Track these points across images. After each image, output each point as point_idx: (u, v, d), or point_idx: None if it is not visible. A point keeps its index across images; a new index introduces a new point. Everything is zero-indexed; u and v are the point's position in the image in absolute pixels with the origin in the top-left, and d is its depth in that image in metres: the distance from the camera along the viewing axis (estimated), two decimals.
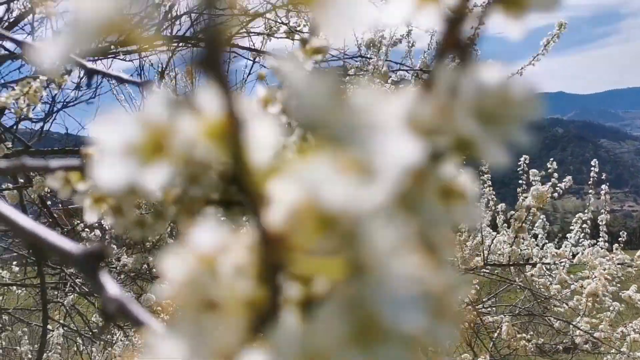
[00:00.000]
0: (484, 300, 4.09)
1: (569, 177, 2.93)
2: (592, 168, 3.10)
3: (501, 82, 0.18)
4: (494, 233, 3.36)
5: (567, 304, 3.45)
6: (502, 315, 3.37)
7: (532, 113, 0.18)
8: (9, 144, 1.82)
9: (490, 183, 3.65)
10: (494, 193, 3.66)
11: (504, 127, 0.18)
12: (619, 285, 3.06)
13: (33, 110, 1.39)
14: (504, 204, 3.78)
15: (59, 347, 3.18)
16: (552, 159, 2.82)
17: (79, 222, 2.76)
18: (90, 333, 3.46)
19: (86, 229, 2.77)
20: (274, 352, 0.14)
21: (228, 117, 0.15)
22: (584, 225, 3.13)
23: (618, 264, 3.09)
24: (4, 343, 3.32)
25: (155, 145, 0.15)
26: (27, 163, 0.41)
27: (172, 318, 0.20)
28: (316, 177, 0.15)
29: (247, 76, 3.18)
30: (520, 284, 3.65)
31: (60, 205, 2.98)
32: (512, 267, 3.58)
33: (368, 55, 2.66)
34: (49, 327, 3.28)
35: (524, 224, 2.95)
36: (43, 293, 2.39)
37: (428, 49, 3.30)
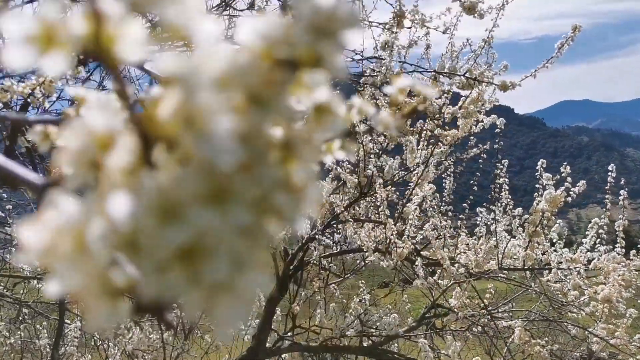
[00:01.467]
0: (499, 305, 4.08)
1: (582, 182, 2.90)
2: (609, 173, 3.07)
3: (330, 5, 0.21)
4: (509, 237, 3.34)
5: (584, 311, 3.43)
6: (515, 320, 3.34)
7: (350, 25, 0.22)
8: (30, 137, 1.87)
9: (507, 188, 3.64)
10: (510, 197, 3.64)
11: (333, 39, 0.21)
12: (633, 291, 3.02)
13: (49, 99, 1.46)
14: (520, 209, 3.76)
15: (76, 340, 3.23)
16: (565, 164, 2.80)
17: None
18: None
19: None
20: (137, 196, 0.17)
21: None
22: (600, 231, 3.10)
23: (635, 270, 3.06)
24: (22, 334, 3.39)
25: (49, 37, 0.18)
26: (7, 115, 0.44)
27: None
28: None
29: None
30: (536, 289, 3.63)
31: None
32: (527, 272, 3.56)
33: (383, 57, 2.69)
34: (67, 320, 3.35)
35: (538, 228, 2.93)
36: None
37: (446, 52, 3.32)
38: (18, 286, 3.59)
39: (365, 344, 3.79)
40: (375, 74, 2.60)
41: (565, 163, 2.77)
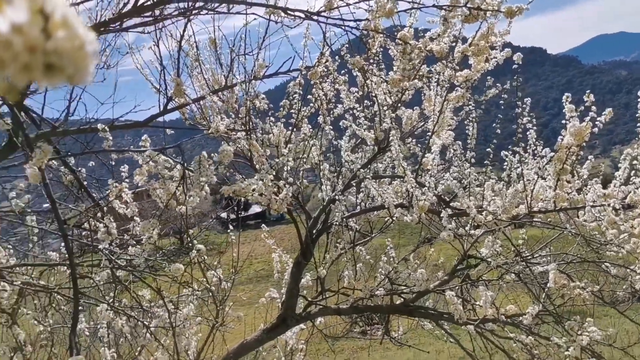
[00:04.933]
0: (534, 250, 3.91)
1: (608, 110, 2.69)
2: None
3: None
4: (535, 177, 3.16)
5: (624, 249, 3.25)
6: (551, 265, 3.18)
7: None
8: (8, 120, 1.80)
9: (533, 127, 3.44)
10: (535, 137, 3.45)
11: None
12: None
13: None
14: (548, 149, 3.56)
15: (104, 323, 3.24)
16: (588, 91, 2.59)
17: None
18: (141, 308, 3.53)
19: None
20: None
21: None
22: (635, 162, 2.89)
23: None
24: (51, 321, 3.41)
25: None
26: None
27: None
28: None
29: None
30: (572, 230, 3.46)
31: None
32: (560, 213, 3.38)
33: None
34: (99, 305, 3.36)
35: (565, 165, 2.75)
36: (72, 269, 2.41)
37: None
38: (45, 274, 3.61)
39: (397, 302, 3.70)
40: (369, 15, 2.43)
41: (588, 91, 2.55)
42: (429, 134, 3.44)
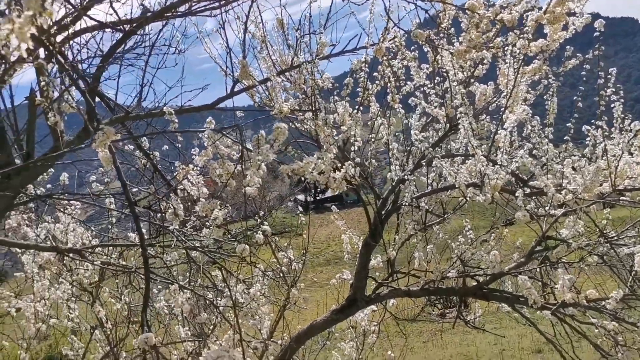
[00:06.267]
0: (621, 231, 3.65)
1: None
2: None
3: None
4: (620, 152, 2.93)
5: None
6: (638, 246, 2.96)
7: None
8: (73, 103, 1.86)
9: (619, 100, 3.19)
10: (622, 110, 3.20)
11: None
12: None
13: None
14: (637, 122, 3.31)
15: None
16: None
17: None
18: (215, 289, 3.62)
19: None
20: None
21: None
22: None
23: None
24: (127, 299, 3.55)
25: None
26: None
27: None
28: None
29: None
30: None
31: None
32: None
33: None
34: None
35: None
36: (143, 249, 2.48)
37: None
38: (124, 253, 3.76)
39: (470, 285, 3.58)
40: None
41: None
42: (503, 109, 3.27)
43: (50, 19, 1.13)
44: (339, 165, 2.59)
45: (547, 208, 3.34)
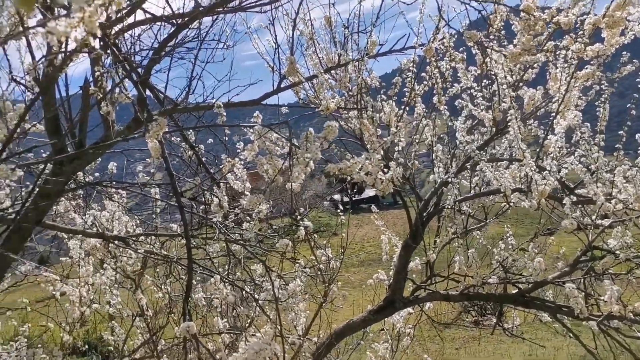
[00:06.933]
0: None
1: None
2: None
3: None
4: None
5: None
6: None
7: None
8: (130, 94, 1.90)
9: None
10: None
11: None
12: None
13: None
14: None
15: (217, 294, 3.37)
16: None
17: None
18: (253, 283, 3.65)
19: None
20: None
21: None
22: None
23: None
24: (168, 288, 3.61)
25: None
26: None
27: None
28: None
29: None
30: None
31: None
32: None
33: None
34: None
35: None
36: (187, 239, 2.51)
37: None
38: (167, 244, 3.82)
39: (511, 292, 3.51)
40: None
41: None
42: (553, 114, 3.20)
43: (118, 8, 1.15)
44: (386, 166, 2.57)
45: (593, 217, 3.26)
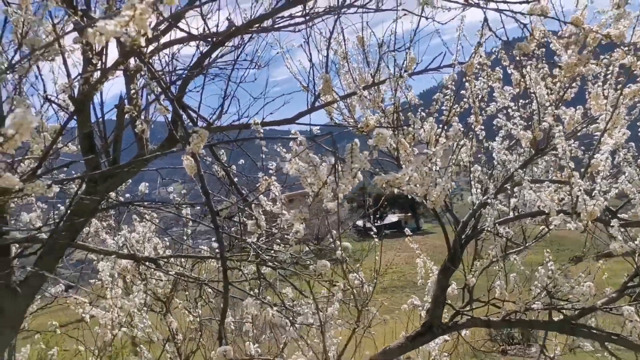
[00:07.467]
0: None
1: None
2: None
3: None
4: None
5: None
6: None
7: None
8: (169, 107, 1.85)
9: None
10: None
11: None
12: None
13: None
14: None
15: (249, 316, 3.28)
16: None
17: None
18: (283, 306, 3.55)
19: None
20: None
21: None
22: None
23: None
24: (200, 311, 3.53)
25: None
26: None
27: None
28: None
29: None
30: None
31: None
32: None
33: None
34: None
35: None
36: (222, 260, 2.44)
37: None
38: (197, 266, 3.76)
39: (555, 319, 3.35)
40: None
41: None
42: (597, 134, 3.08)
43: (171, 7, 1.10)
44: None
45: (638, 241, 3.11)
